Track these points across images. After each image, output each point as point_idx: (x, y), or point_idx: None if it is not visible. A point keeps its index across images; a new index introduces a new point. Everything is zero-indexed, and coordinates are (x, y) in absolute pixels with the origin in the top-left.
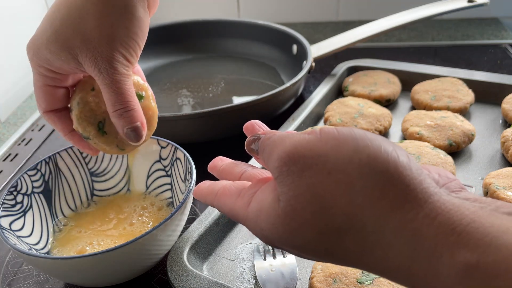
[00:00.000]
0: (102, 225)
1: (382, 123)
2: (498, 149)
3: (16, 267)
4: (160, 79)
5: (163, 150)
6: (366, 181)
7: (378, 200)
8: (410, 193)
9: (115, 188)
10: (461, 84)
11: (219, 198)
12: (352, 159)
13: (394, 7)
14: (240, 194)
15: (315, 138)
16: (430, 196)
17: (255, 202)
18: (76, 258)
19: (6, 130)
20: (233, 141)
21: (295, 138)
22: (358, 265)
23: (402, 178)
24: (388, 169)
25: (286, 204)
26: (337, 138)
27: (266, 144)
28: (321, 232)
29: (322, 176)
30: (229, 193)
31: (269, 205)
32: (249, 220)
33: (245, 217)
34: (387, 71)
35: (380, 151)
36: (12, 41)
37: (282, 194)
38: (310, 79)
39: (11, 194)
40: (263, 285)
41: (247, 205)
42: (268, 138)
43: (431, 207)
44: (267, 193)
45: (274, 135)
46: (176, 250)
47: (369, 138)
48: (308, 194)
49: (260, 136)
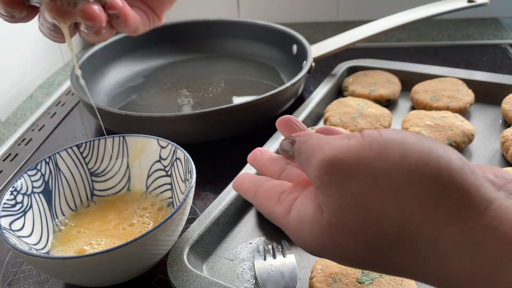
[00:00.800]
0: (102, 225)
1: (382, 123)
2: (498, 149)
3: (16, 267)
4: (160, 79)
5: (163, 150)
6: (417, 188)
7: (431, 209)
8: (467, 200)
9: (115, 188)
10: (461, 84)
11: (258, 199)
12: (400, 165)
13: (394, 7)
14: (279, 198)
15: (358, 143)
16: (490, 203)
17: (295, 210)
18: (76, 258)
19: (6, 130)
20: (233, 141)
21: (335, 144)
22: (410, 276)
23: (456, 184)
24: (441, 175)
25: (331, 215)
26: (382, 142)
27: (302, 148)
28: (370, 244)
29: (367, 184)
30: (269, 196)
31: (312, 215)
32: (290, 228)
33: (286, 225)
34: (387, 71)
35: (430, 155)
36: (12, 41)
37: (325, 204)
38: (310, 79)
39: (11, 194)
40: (263, 285)
41: (287, 213)
42: (304, 142)
43: (492, 215)
44: (308, 202)
45: (310, 139)
46: (176, 250)
47: (416, 141)
48: (353, 205)
49: (295, 139)
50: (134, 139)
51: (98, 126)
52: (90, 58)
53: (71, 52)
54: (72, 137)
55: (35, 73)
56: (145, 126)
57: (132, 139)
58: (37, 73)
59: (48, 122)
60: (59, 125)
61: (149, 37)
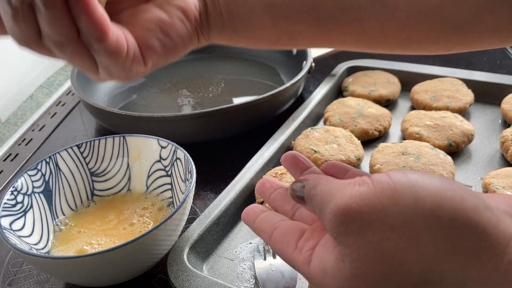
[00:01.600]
0: (102, 225)
1: (381, 123)
2: (498, 149)
3: (16, 267)
4: (160, 79)
5: (163, 150)
6: (434, 233)
7: (450, 254)
8: (487, 239)
9: (116, 188)
10: (461, 84)
11: (274, 243)
12: (415, 211)
13: None
14: (297, 246)
15: (369, 190)
16: (511, 240)
17: (316, 260)
18: (76, 258)
19: (7, 130)
20: (233, 141)
21: (346, 192)
22: None
23: (473, 224)
24: (456, 216)
25: (352, 267)
26: (393, 187)
27: (313, 194)
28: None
29: (385, 232)
30: (286, 242)
31: (333, 266)
32: (314, 279)
33: (308, 275)
34: (386, 71)
35: (443, 197)
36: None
37: (345, 255)
38: (310, 79)
39: (12, 194)
40: (263, 285)
41: (307, 263)
42: (314, 187)
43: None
44: (327, 252)
45: (320, 184)
46: (176, 250)
47: (428, 183)
48: (373, 254)
49: (304, 183)
50: (134, 139)
51: (98, 126)
52: None
53: None
54: (72, 137)
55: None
56: (145, 126)
57: (133, 139)
58: (38, 73)
59: (48, 122)
60: (59, 125)
61: None
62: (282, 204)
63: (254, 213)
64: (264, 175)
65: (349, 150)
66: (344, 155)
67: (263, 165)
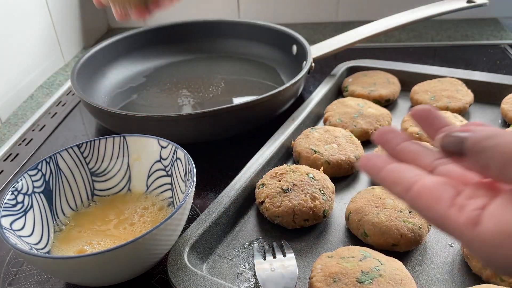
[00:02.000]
0: (103, 225)
1: (381, 123)
2: None
3: (16, 267)
4: (161, 79)
5: (164, 150)
6: None
7: None
8: None
9: (116, 188)
10: (461, 84)
11: (415, 197)
12: None
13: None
14: (454, 202)
15: None
16: None
17: (491, 222)
18: (76, 258)
19: (7, 130)
20: (233, 141)
21: None
22: None
23: None
24: None
25: None
26: None
27: (486, 146)
28: None
29: None
30: (435, 197)
31: None
32: (485, 242)
33: (474, 238)
34: (386, 71)
35: None
36: (12, 41)
37: None
38: (310, 79)
39: (12, 194)
40: (263, 285)
41: (473, 223)
42: (487, 138)
43: None
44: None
45: (496, 135)
46: (177, 250)
47: None
48: None
49: (467, 136)
50: (134, 139)
51: (99, 126)
52: (90, 58)
53: None
54: (72, 137)
55: (36, 73)
56: (146, 126)
57: (133, 139)
58: (38, 73)
59: (48, 122)
60: (59, 125)
61: (149, 37)
62: (415, 158)
63: (381, 161)
64: (264, 175)
65: (349, 150)
66: (344, 155)
67: (263, 165)
